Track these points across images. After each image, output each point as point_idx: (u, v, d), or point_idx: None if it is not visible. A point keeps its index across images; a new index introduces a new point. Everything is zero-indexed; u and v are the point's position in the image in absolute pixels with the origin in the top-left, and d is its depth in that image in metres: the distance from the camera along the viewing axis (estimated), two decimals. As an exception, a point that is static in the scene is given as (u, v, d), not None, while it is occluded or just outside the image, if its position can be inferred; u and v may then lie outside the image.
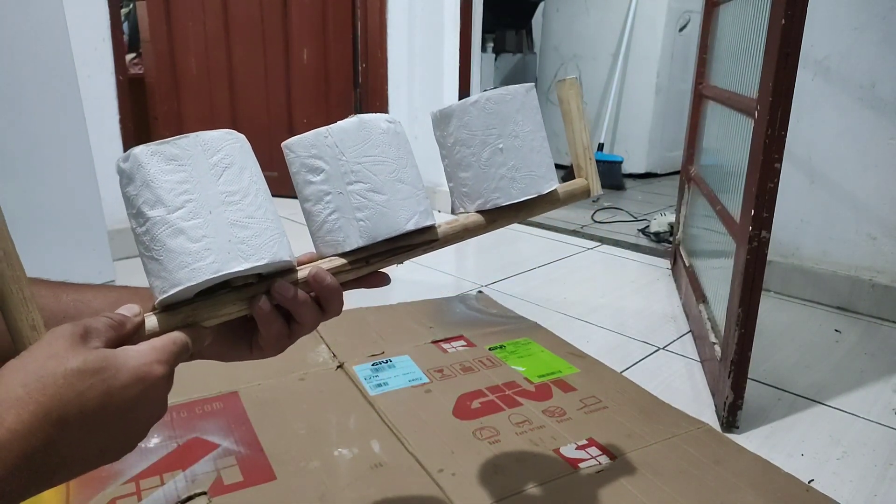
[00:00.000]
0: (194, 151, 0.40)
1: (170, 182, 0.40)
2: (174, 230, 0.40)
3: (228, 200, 0.41)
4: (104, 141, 1.62)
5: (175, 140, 0.40)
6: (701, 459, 0.83)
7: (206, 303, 0.42)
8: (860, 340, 1.28)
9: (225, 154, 0.41)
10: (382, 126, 0.47)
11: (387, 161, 0.47)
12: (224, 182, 0.41)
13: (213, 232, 0.40)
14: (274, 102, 2.45)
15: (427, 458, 0.81)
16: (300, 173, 0.48)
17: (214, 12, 2.41)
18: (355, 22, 2.32)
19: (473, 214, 0.52)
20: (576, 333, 1.25)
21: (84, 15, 1.53)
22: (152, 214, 0.40)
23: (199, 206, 0.40)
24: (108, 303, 0.46)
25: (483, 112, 0.51)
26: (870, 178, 1.38)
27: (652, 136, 2.96)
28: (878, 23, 1.32)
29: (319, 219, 0.47)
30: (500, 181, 0.52)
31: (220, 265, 0.40)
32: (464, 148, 0.52)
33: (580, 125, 0.57)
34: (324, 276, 0.45)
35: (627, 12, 2.87)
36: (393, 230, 0.47)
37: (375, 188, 0.46)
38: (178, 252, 0.40)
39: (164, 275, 0.40)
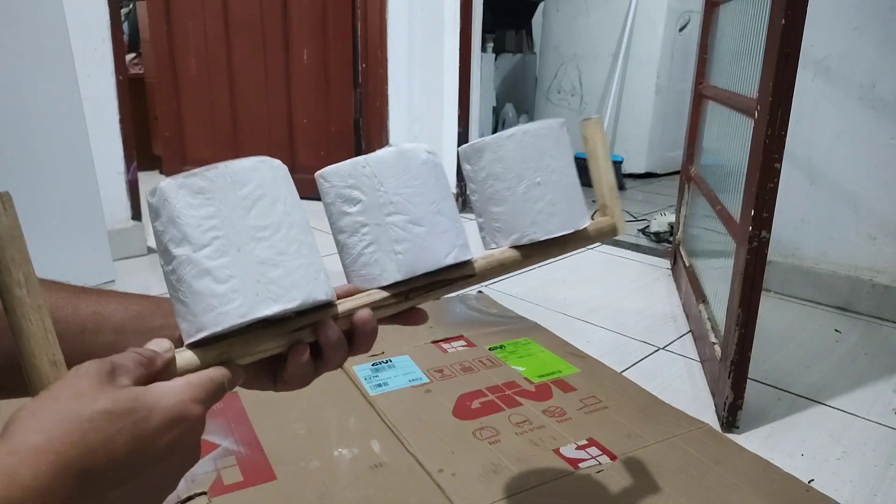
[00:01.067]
0: (223, 183, 0.37)
1: (196, 217, 0.37)
2: (200, 271, 0.37)
3: (259, 236, 0.38)
4: (104, 141, 1.62)
5: (204, 171, 0.37)
6: (701, 459, 0.83)
7: (241, 339, 0.39)
8: (860, 340, 1.28)
9: (256, 185, 0.39)
10: (422, 157, 0.46)
11: (426, 193, 0.45)
12: (255, 216, 0.38)
13: (240, 272, 0.37)
14: (274, 102, 2.45)
15: (427, 458, 0.81)
16: (335, 204, 0.45)
17: (214, 12, 2.41)
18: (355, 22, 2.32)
19: (509, 250, 0.51)
20: (576, 333, 1.25)
21: (84, 15, 1.53)
22: (178, 253, 0.37)
23: (226, 243, 0.37)
24: (130, 317, 0.44)
25: (520, 145, 0.50)
26: (870, 178, 1.38)
27: (652, 136, 2.96)
28: (878, 23, 1.32)
29: (355, 251, 0.45)
30: (537, 216, 0.50)
31: (247, 309, 0.37)
32: (497, 182, 0.51)
33: (606, 164, 0.56)
34: (371, 321, 0.43)
35: (627, 12, 2.87)
36: (432, 264, 0.45)
37: (415, 220, 0.45)
38: (204, 294, 0.37)
39: (189, 318, 0.37)
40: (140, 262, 1.68)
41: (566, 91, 3.15)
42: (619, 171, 2.82)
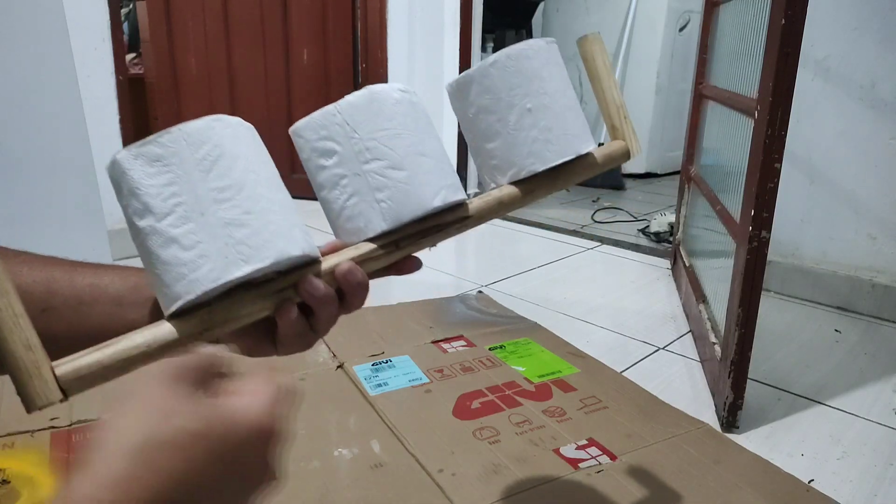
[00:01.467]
0: (178, 147, 0.36)
1: (156, 186, 0.36)
2: (166, 240, 0.36)
3: (221, 198, 0.36)
4: (104, 141, 1.62)
5: (157, 138, 0.36)
6: (701, 459, 0.83)
7: (222, 305, 0.38)
8: (860, 340, 1.28)
9: (213, 145, 0.37)
10: (395, 96, 0.43)
11: (404, 133, 0.42)
12: (214, 177, 0.36)
13: (206, 236, 0.36)
14: (274, 102, 2.45)
15: (427, 459, 0.81)
16: (311, 159, 0.43)
17: (214, 12, 2.41)
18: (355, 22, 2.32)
19: (507, 186, 0.47)
20: (576, 333, 1.25)
21: (84, 15, 1.53)
22: (143, 225, 0.36)
23: (189, 208, 0.36)
24: (128, 287, 0.43)
25: (504, 71, 0.46)
26: (870, 178, 1.38)
27: (652, 136, 2.96)
28: (878, 23, 1.32)
29: (337, 205, 0.43)
30: (532, 145, 0.46)
31: (218, 273, 0.36)
32: (488, 115, 0.47)
33: (609, 82, 0.51)
34: (355, 273, 0.41)
35: (627, 12, 2.87)
36: (419, 209, 0.42)
37: (394, 165, 0.42)
38: (173, 263, 0.36)
39: (164, 290, 0.36)
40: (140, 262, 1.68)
41: (566, 91, 3.15)
42: (618, 170, 2.82)
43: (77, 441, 0.83)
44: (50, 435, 0.83)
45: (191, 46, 2.47)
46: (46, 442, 0.82)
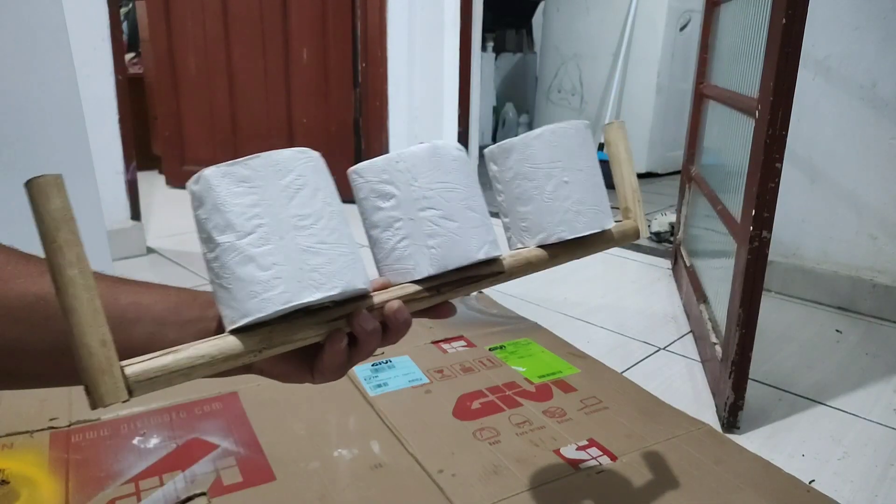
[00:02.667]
0: (266, 172, 0.39)
1: (240, 206, 0.38)
2: (244, 257, 0.38)
3: (300, 225, 0.39)
4: (104, 141, 1.62)
5: (247, 161, 0.38)
6: (701, 460, 0.83)
7: (282, 326, 0.40)
8: (861, 341, 1.27)
9: (297, 175, 0.39)
10: (453, 153, 0.47)
11: (458, 188, 0.46)
12: (296, 205, 0.39)
13: (283, 259, 0.38)
14: (273, 102, 2.44)
15: (427, 459, 0.81)
16: (369, 199, 0.46)
17: (214, 12, 2.41)
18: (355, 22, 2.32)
19: (536, 249, 0.51)
20: (576, 334, 1.25)
21: (84, 15, 1.53)
22: (222, 240, 0.38)
23: (269, 231, 0.38)
24: (168, 308, 0.44)
25: (548, 145, 0.51)
26: (870, 177, 1.38)
27: (652, 136, 2.96)
28: (878, 22, 1.32)
29: (388, 245, 0.46)
30: (565, 214, 0.51)
31: (290, 295, 0.38)
32: (525, 181, 0.51)
33: (629, 168, 0.57)
34: (403, 311, 0.44)
35: (628, 12, 2.87)
36: (464, 259, 0.46)
37: (447, 215, 0.45)
38: (248, 281, 0.38)
39: (233, 304, 0.38)
40: (140, 262, 1.68)
41: (566, 90, 3.15)
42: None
43: (76, 441, 0.82)
44: (49, 435, 0.83)
45: (190, 46, 2.47)
46: (46, 442, 0.82)
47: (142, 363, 0.35)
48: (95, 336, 0.33)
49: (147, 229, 1.86)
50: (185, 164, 2.59)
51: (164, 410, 0.90)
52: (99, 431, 0.85)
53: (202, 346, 0.37)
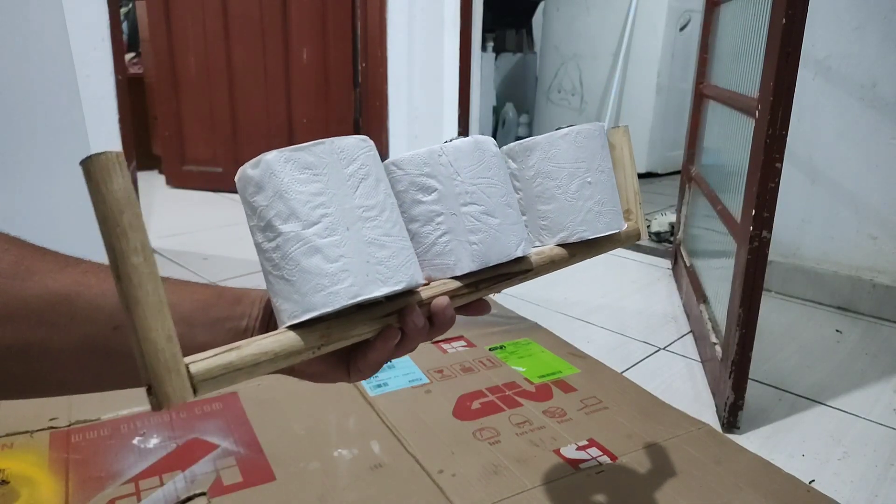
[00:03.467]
0: (330, 160, 0.37)
1: (305, 194, 0.36)
2: (310, 248, 0.36)
3: (366, 216, 0.37)
4: (104, 141, 1.62)
5: (310, 147, 0.37)
6: (701, 460, 0.83)
7: (339, 322, 0.38)
8: (861, 341, 1.27)
9: (361, 164, 0.38)
10: (493, 148, 0.46)
11: (498, 184, 0.46)
12: (361, 195, 0.38)
13: (350, 251, 0.36)
14: (273, 102, 2.44)
15: (427, 459, 0.81)
16: (409, 191, 0.45)
17: (214, 12, 2.41)
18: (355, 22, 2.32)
19: (557, 247, 0.51)
20: (576, 334, 1.25)
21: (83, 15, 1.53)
22: (286, 229, 0.36)
23: (336, 221, 0.36)
24: (195, 307, 0.42)
25: (573, 145, 0.51)
26: (871, 177, 1.38)
27: (652, 136, 2.96)
28: (878, 22, 1.32)
29: (429, 240, 0.45)
30: (587, 214, 0.51)
31: (358, 289, 0.36)
32: (547, 180, 0.51)
33: (632, 171, 0.58)
34: (450, 307, 0.43)
35: (628, 11, 2.87)
36: (504, 256, 0.45)
37: (489, 211, 0.45)
38: (314, 273, 0.36)
39: (296, 297, 0.36)
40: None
41: (566, 90, 3.15)
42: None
43: (76, 441, 0.82)
44: (49, 435, 0.83)
45: (190, 46, 2.47)
46: (45, 442, 0.82)
47: (206, 360, 0.33)
48: (162, 331, 0.31)
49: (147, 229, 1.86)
50: (185, 164, 2.59)
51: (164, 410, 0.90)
52: (99, 431, 0.85)
53: (264, 342, 0.36)
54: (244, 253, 1.76)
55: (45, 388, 0.39)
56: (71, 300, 0.36)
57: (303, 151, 0.36)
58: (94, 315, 0.36)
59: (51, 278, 0.36)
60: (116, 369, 0.39)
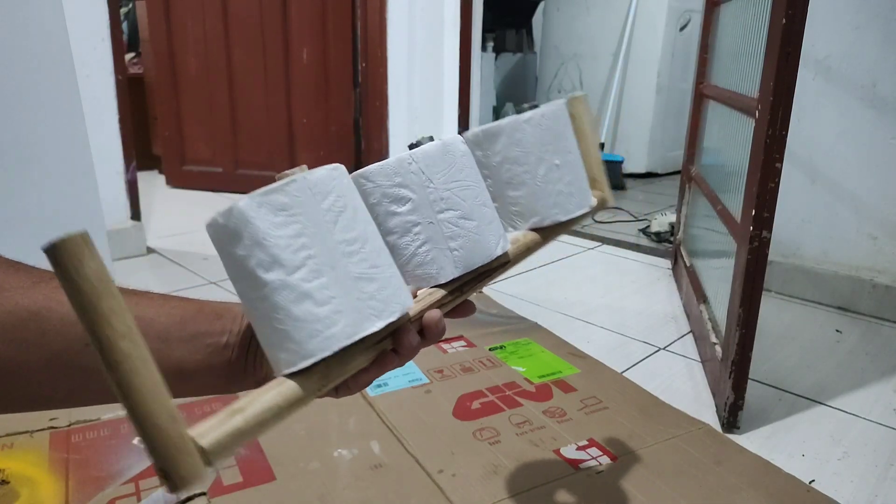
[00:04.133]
0: (305, 197, 0.35)
1: (284, 237, 0.34)
2: (298, 294, 0.34)
3: (349, 251, 0.36)
4: (103, 140, 1.62)
5: (282, 187, 0.34)
6: (701, 460, 0.83)
7: (336, 359, 0.37)
8: (861, 341, 1.27)
9: (336, 196, 0.36)
10: (462, 148, 0.45)
11: (472, 186, 0.45)
12: (341, 229, 0.36)
13: (339, 291, 0.35)
14: (273, 102, 2.44)
15: (427, 459, 0.81)
16: (382, 204, 0.43)
17: (214, 12, 2.41)
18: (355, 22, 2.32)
19: (530, 233, 0.51)
20: (576, 334, 1.25)
21: (83, 15, 1.53)
22: (271, 278, 0.34)
23: (320, 262, 0.35)
24: (173, 322, 0.41)
25: (538, 128, 0.50)
26: (871, 177, 1.38)
27: (652, 136, 2.96)
28: (878, 22, 1.32)
29: (408, 252, 0.44)
30: (557, 197, 0.51)
31: (353, 329, 0.35)
32: (515, 166, 0.50)
33: (594, 139, 0.57)
34: (439, 318, 0.42)
35: (628, 12, 2.87)
36: (486, 257, 0.45)
37: (466, 215, 0.44)
38: (306, 320, 0.34)
39: (290, 346, 0.35)
40: (139, 262, 1.68)
41: (567, 90, 3.15)
42: (619, 170, 2.82)
43: (76, 441, 0.82)
44: (49, 435, 0.83)
45: (190, 46, 2.47)
46: (45, 442, 0.82)
47: (214, 432, 0.32)
48: (163, 412, 0.29)
49: (147, 229, 1.86)
50: (185, 164, 2.59)
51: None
52: (99, 431, 0.85)
53: (266, 397, 0.35)
54: (244, 253, 1.76)
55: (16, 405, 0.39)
56: (41, 317, 0.36)
57: (276, 193, 0.34)
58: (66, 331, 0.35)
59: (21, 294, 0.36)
60: (90, 385, 0.39)
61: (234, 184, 2.52)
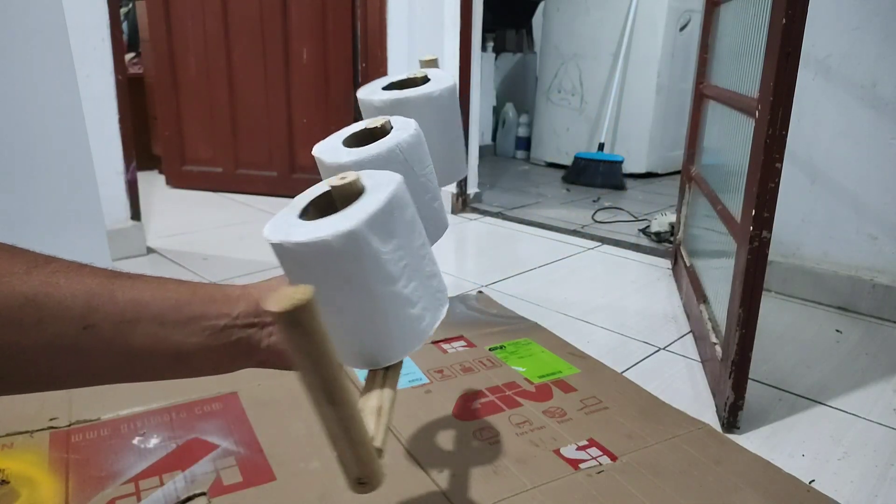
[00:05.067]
0: (396, 213, 0.38)
1: (390, 252, 0.37)
2: (402, 300, 0.39)
3: (422, 254, 0.40)
4: (103, 140, 1.62)
5: (383, 206, 0.37)
6: (701, 460, 0.83)
7: None
8: (861, 341, 1.27)
9: (412, 207, 0.40)
10: (407, 203, 0.44)
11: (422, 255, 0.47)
12: (417, 235, 0.40)
13: (423, 292, 0.40)
14: (273, 102, 2.44)
15: (427, 459, 0.81)
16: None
17: (214, 12, 2.41)
18: (355, 22, 2.31)
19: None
20: (576, 334, 1.25)
21: (83, 15, 1.53)
22: (385, 291, 0.38)
23: (412, 268, 0.39)
24: (168, 306, 0.41)
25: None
26: (870, 177, 1.38)
27: (652, 136, 2.96)
28: (878, 22, 1.32)
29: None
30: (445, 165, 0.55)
31: (433, 320, 0.41)
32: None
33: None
34: None
35: (628, 11, 2.87)
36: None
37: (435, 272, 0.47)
38: (405, 320, 0.39)
39: (394, 343, 0.40)
40: (139, 262, 1.68)
41: (566, 90, 3.15)
42: (619, 170, 2.82)
43: (76, 441, 0.82)
44: (49, 435, 0.83)
45: (190, 46, 2.47)
46: (45, 442, 0.82)
47: (377, 433, 0.37)
48: (366, 433, 0.35)
49: (147, 229, 1.86)
50: (185, 164, 2.59)
51: (164, 410, 0.90)
52: (99, 431, 0.85)
53: (389, 393, 0.41)
54: (244, 253, 1.76)
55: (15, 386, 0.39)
56: (38, 302, 0.36)
57: (379, 213, 0.36)
58: (63, 315, 0.36)
59: (17, 280, 0.36)
60: (89, 368, 0.40)
61: (234, 184, 2.52)
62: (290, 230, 0.37)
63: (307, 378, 0.31)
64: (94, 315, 0.37)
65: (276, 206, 2.31)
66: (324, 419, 0.33)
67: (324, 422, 0.33)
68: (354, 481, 0.34)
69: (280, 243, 0.36)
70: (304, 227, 0.37)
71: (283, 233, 0.36)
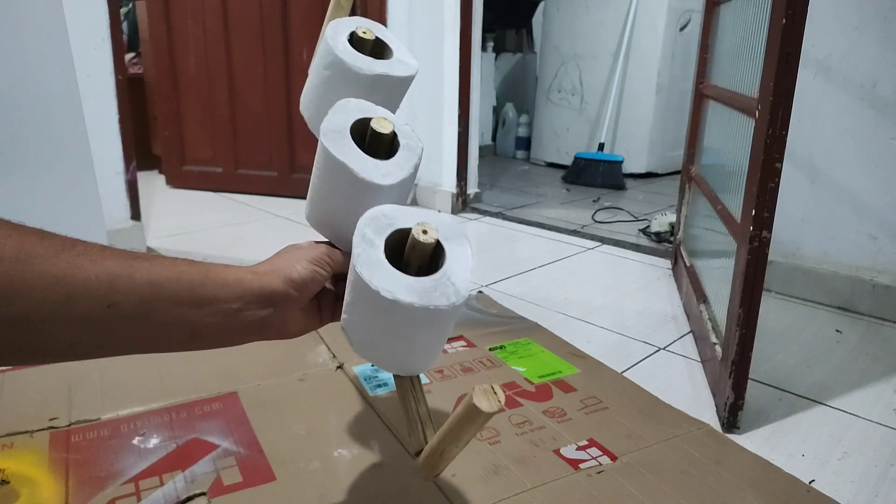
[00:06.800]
0: None
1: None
2: (447, 336, 0.55)
3: None
4: (103, 140, 1.62)
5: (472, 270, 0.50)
6: (701, 460, 0.83)
7: None
8: (861, 341, 1.27)
9: None
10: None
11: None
12: None
13: None
14: (273, 102, 2.44)
15: (427, 459, 0.81)
16: None
17: (214, 12, 2.40)
18: (355, 21, 2.31)
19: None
20: (576, 334, 1.25)
21: (83, 15, 1.53)
22: (447, 333, 0.54)
23: None
24: (182, 287, 0.44)
25: None
26: (871, 177, 1.38)
27: (652, 136, 2.96)
28: (878, 22, 1.32)
29: None
30: None
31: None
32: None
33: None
34: None
35: (628, 12, 2.87)
36: None
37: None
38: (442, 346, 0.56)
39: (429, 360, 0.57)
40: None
41: (566, 90, 3.15)
42: (619, 170, 2.82)
43: (76, 441, 0.82)
44: (49, 435, 0.83)
45: (190, 46, 2.47)
46: (45, 442, 0.82)
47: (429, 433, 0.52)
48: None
49: (147, 229, 1.86)
50: (185, 164, 2.59)
51: (164, 410, 0.90)
52: (99, 431, 0.85)
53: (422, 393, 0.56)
54: (244, 253, 1.76)
55: (52, 356, 0.43)
56: (66, 282, 0.39)
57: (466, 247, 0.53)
58: (89, 294, 0.39)
59: (48, 262, 0.39)
60: (112, 341, 0.43)
61: (233, 184, 2.52)
62: (397, 286, 0.46)
63: (459, 449, 0.47)
64: (116, 294, 0.40)
65: (276, 206, 2.31)
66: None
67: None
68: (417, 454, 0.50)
69: (396, 300, 0.45)
70: (408, 284, 0.46)
71: (392, 288, 0.46)
